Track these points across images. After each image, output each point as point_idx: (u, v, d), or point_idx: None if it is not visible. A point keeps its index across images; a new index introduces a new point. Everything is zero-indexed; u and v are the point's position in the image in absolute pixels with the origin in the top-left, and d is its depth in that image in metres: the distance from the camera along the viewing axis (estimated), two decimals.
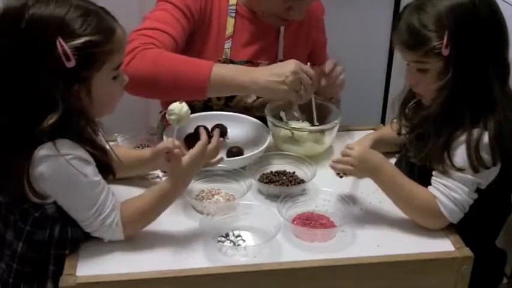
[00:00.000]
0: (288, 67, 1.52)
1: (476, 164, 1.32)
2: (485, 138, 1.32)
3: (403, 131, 1.53)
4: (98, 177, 1.25)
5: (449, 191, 1.34)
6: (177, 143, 1.40)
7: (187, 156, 1.33)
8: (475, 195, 1.36)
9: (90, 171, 1.23)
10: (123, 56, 1.29)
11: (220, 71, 1.55)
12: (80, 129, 1.22)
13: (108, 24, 1.23)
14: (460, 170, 1.33)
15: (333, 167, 1.44)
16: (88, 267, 1.24)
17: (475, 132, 1.33)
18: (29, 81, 1.16)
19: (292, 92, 1.52)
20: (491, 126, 1.32)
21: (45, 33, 1.15)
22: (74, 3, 1.19)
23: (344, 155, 1.40)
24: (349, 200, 1.42)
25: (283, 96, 1.57)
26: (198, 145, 1.35)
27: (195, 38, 1.74)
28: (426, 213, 1.36)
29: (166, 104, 1.40)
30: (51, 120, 1.15)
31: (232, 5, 1.78)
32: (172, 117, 1.37)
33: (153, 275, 1.23)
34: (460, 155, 1.34)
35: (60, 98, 1.16)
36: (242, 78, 1.54)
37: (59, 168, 1.19)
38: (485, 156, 1.32)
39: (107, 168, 1.29)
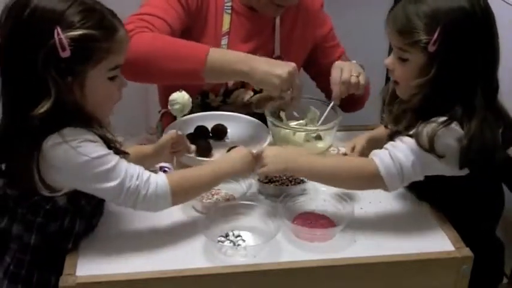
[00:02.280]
0: (287, 67, 1.54)
1: (430, 137, 1.27)
2: (452, 126, 1.29)
3: (389, 126, 1.53)
4: (109, 152, 1.23)
5: (391, 148, 1.30)
6: (180, 133, 1.39)
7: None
8: (420, 175, 1.32)
9: (100, 148, 1.22)
10: (123, 58, 1.28)
11: (218, 54, 1.55)
12: (87, 118, 1.22)
13: (111, 23, 1.23)
14: (411, 136, 1.30)
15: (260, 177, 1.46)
16: (88, 267, 1.24)
17: (444, 119, 1.30)
18: (26, 65, 1.17)
19: (278, 90, 1.55)
20: (467, 128, 1.29)
21: (45, 21, 1.17)
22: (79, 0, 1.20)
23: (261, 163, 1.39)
24: (349, 199, 1.42)
25: (271, 89, 1.56)
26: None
27: (192, 34, 1.74)
28: (358, 170, 1.32)
29: (165, 104, 1.39)
30: (43, 108, 1.16)
31: (228, 2, 1.78)
32: (176, 106, 1.36)
33: (153, 275, 1.23)
34: (419, 129, 1.31)
35: (53, 85, 1.16)
36: (241, 65, 1.54)
37: (68, 154, 1.18)
38: (442, 140, 1.28)
39: (118, 149, 1.28)
